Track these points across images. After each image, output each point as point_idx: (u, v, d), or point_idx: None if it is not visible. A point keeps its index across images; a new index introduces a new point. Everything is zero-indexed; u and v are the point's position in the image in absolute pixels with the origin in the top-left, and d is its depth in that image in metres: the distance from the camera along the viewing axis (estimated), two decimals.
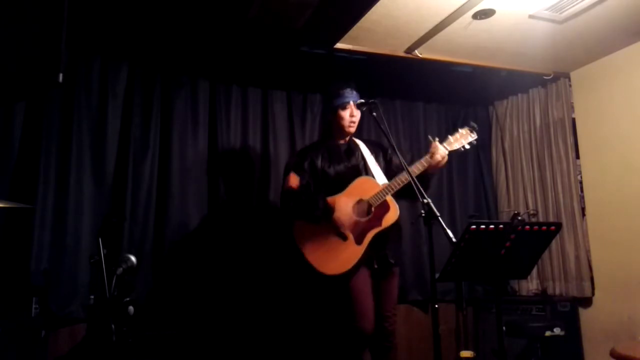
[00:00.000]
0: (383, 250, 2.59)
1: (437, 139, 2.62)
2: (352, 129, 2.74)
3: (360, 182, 2.62)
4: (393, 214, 2.57)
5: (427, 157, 2.57)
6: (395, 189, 2.53)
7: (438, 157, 2.55)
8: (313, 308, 3.32)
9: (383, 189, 2.54)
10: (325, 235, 2.57)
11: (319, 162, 2.71)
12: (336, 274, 2.52)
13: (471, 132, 2.64)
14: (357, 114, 2.72)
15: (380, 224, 2.55)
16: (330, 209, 2.53)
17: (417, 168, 2.53)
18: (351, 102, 2.69)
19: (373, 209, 2.56)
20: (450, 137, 2.66)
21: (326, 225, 2.56)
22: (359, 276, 2.55)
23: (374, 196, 2.55)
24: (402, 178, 2.51)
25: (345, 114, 2.70)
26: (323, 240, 2.57)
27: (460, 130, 2.66)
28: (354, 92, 2.72)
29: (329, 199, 2.58)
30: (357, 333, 2.49)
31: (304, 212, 2.59)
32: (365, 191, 2.58)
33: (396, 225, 2.61)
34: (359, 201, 2.58)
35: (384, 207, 2.57)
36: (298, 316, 3.36)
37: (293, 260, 2.64)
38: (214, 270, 3.28)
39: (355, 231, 2.55)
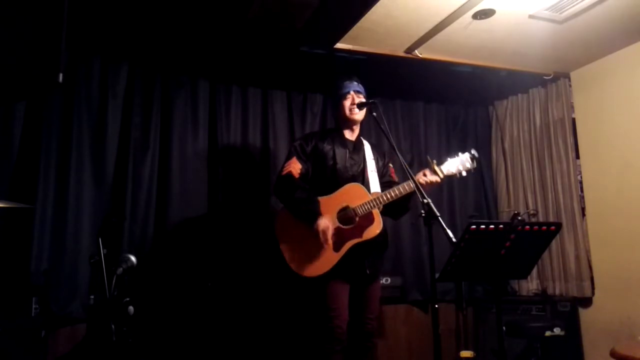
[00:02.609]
0: (362, 261, 2.58)
1: (434, 161, 2.58)
2: (355, 115, 2.72)
3: (350, 188, 2.61)
4: (375, 228, 2.55)
5: (417, 179, 2.51)
6: (382, 203, 2.51)
7: (422, 182, 2.50)
8: (295, 306, 3.33)
9: (371, 200, 2.52)
10: (305, 235, 2.55)
11: (323, 148, 2.71)
12: (308, 277, 2.53)
13: (471, 160, 2.57)
14: (358, 100, 2.70)
15: (360, 236, 2.54)
16: (315, 217, 2.51)
17: (403, 188, 2.48)
18: (351, 92, 2.72)
19: (357, 218, 2.55)
20: (449, 160, 2.58)
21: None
22: (337, 280, 2.55)
23: (360, 206, 2.53)
24: (392, 193, 2.50)
25: (346, 102, 2.72)
26: (302, 239, 2.56)
27: (460, 155, 2.58)
28: (354, 83, 2.75)
29: (319, 199, 2.58)
30: (331, 334, 2.50)
31: (292, 208, 2.60)
32: (353, 198, 2.56)
33: (379, 237, 2.59)
34: (345, 207, 2.56)
35: (369, 219, 2.55)
36: (286, 315, 3.36)
37: (277, 256, 2.65)
38: (214, 269, 3.28)
39: (335, 237, 2.53)
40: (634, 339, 3.17)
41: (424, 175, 2.55)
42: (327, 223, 2.51)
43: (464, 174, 2.59)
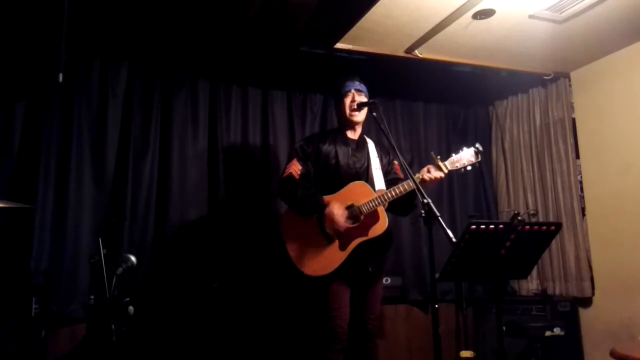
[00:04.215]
0: (366, 260, 2.58)
1: (439, 157, 2.58)
2: (355, 118, 2.72)
3: (354, 186, 2.61)
4: (381, 226, 2.55)
5: (419, 176, 2.53)
6: (388, 200, 2.52)
7: (426, 179, 2.52)
8: (296, 306, 3.33)
9: (376, 198, 2.53)
10: (311, 234, 2.56)
11: (325, 148, 2.71)
12: (315, 276, 2.53)
13: (476, 154, 2.56)
14: (359, 99, 2.70)
15: (366, 234, 2.54)
16: (321, 209, 2.52)
17: (408, 185, 2.48)
18: (352, 90, 2.72)
19: (363, 216, 2.55)
20: (454, 155, 2.59)
21: (314, 223, 2.56)
22: (339, 280, 2.56)
23: (365, 204, 2.53)
24: (397, 190, 2.50)
25: (347, 100, 2.72)
26: (308, 238, 2.57)
27: (465, 149, 2.58)
28: (356, 82, 2.75)
29: (324, 198, 2.58)
30: (331, 334, 2.50)
31: (297, 205, 2.60)
32: (358, 197, 2.57)
33: (384, 235, 2.58)
34: (350, 206, 2.56)
35: (374, 217, 2.55)
36: (287, 315, 3.36)
37: (279, 256, 2.65)
38: (213, 269, 3.28)
39: (341, 236, 2.54)
40: (634, 339, 3.17)
41: (428, 171, 2.55)
42: (337, 206, 2.51)
43: (469, 168, 2.59)
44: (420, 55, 3.41)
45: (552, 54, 3.53)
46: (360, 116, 2.74)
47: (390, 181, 2.74)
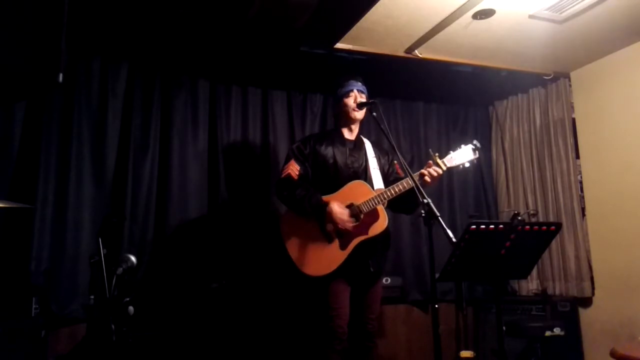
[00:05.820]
0: (366, 259, 2.58)
1: (437, 154, 2.59)
2: (357, 114, 2.73)
3: (354, 185, 2.61)
4: (381, 225, 2.55)
5: (418, 175, 2.53)
6: (387, 199, 2.52)
7: (427, 179, 2.53)
8: (296, 306, 3.33)
9: (375, 197, 2.53)
10: (311, 234, 2.56)
11: (322, 149, 2.71)
12: (315, 276, 2.53)
13: (474, 151, 2.58)
14: (361, 100, 2.71)
15: (366, 233, 2.54)
16: (322, 210, 2.52)
17: (407, 183, 2.49)
18: (355, 90, 2.72)
19: (362, 215, 2.55)
20: (452, 152, 2.60)
21: (314, 223, 2.56)
22: (339, 280, 2.56)
23: (365, 202, 2.54)
24: (396, 188, 2.51)
25: (349, 100, 2.72)
26: (308, 238, 2.57)
27: (463, 147, 2.60)
28: (359, 83, 2.76)
29: (323, 198, 2.58)
30: (331, 334, 2.50)
31: (296, 206, 2.59)
32: (357, 196, 2.57)
33: (384, 234, 2.59)
34: (350, 205, 2.56)
35: (374, 216, 2.55)
36: (287, 315, 3.36)
37: (279, 256, 2.65)
38: (214, 269, 3.28)
39: (341, 235, 2.54)
40: (634, 339, 3.17)
41: (427, 169, 2.55)
42: (338, 205, 2.51)
43: (467, 165, 2.60)
44: (420, 55, 3.41)
45: (552, 54, 3.53)
46: (360, 114, 2.75)
47: (393, 182, 2.74)
